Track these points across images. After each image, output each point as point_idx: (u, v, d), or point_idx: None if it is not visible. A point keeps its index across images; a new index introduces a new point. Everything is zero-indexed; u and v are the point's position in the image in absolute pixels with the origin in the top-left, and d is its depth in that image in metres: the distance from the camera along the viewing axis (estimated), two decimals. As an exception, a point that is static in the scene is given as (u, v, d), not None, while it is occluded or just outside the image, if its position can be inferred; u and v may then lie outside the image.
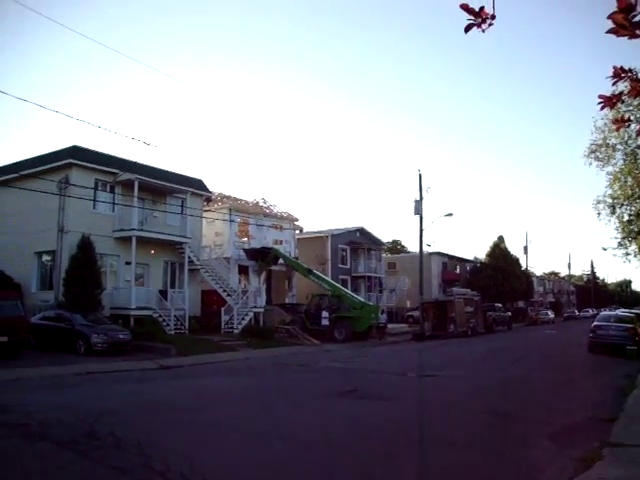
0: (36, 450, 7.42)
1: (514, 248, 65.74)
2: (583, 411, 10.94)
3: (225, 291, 31.05)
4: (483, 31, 3.13)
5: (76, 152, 26.20)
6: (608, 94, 4.03)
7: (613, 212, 23.62)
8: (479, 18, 3.10)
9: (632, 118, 18.87)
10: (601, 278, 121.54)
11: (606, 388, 14.05)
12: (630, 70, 3.43)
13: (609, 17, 2.82)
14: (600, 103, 4.09)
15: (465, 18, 3.13)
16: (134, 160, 28.05)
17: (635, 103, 18.41)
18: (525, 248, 66.63)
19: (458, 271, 65.61)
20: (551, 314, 67.71)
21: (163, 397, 12.64)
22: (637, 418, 9.79)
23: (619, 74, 3.74)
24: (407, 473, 6.86)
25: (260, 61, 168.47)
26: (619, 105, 4.19)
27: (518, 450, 8.01)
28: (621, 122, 4.82)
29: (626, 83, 4.00)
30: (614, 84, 3.84)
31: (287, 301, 39.43)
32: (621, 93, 4.00)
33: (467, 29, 3.16)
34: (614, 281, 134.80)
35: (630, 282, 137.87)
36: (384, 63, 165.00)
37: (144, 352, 21.52)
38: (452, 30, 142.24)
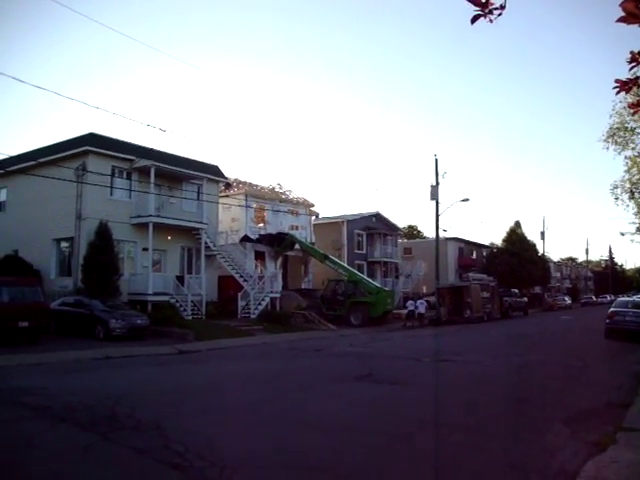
0: (58, 432, 7.61)
1: (531, 233, 65.55)
2: (598, 396, 10.91)
3: (242, 276, 31.23)
4: (491, 21, 3.13)
5: (93, 139, 26.39)
6: (624, 79, 4.02)
7: (632, 197, 23.32)
8: (486, 9, 3.12)
9: None
10: (619, 264, 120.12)
11: (622, 373, 13.97)
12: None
13: (620, 5, 2.83)
14: (616, 87, 4.08)
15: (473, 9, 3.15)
16: (150, 147, 28.20)
17: None
18: (542, 233, 66.05)
19: (474, 256, 65.26)
20: (568, 300, 67.11)
21: (181, 381, 12.84)
22: (653, 403, 9.77)
23: (636, 59, 3.73)
24: (424, 456, 6.93)
25: (279, 49, 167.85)
26: (635, 89, 4.16)
27: (532, 434, 8.02)
28: (638, 106, 4.77)
29: None
30: (631, 69, 3.82)
31: (303, 286, 39.59)
32: (637, 77, 3.99)
33: (473, 20, 3.17)
34: (633, 267, 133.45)
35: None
36: (402, 52, 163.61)
37: (162, 337, 21.81)
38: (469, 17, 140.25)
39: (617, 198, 23.62)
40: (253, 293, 30.22)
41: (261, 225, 37.10)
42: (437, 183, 38.55)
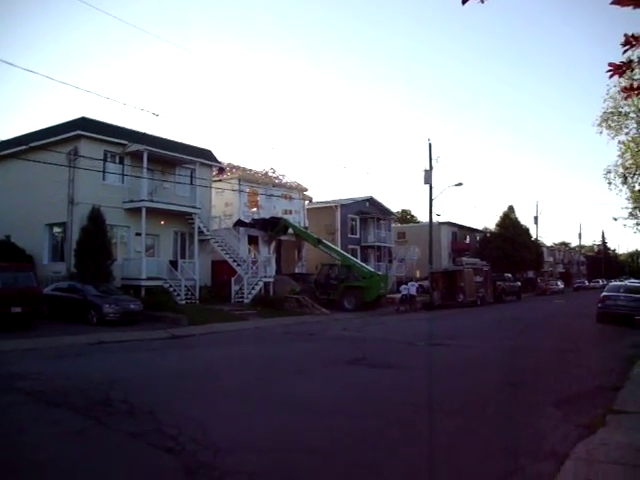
0: (52, 416, 7.63)
1: (524, 218, 65.51)
2: (590, 379, 11.03)
3: (235, 261, 31.21)
4: (482, 1, 3.11)
5: (84, 123, 26.17)
6: (618, 62, 4.02)
7: (625, 181, 23.36)
8: None
9: None
10: (612, 249, 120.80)
11: (613, 357, 14.11)
12: (640, 37, 3.42)
13: None
14: (609, 71, 4.08)
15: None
16: (143, 131, 28.01)
17: None
18: (535, 218, 66.28)
19: (468, 241, 65.41)
20: (561, 284, 67.51)
21: (175, 366, 12.88)
22: (643, 386, 9.87)
23: (630, 42, 3.71)
24: (419, 439, 6.99)
25: (270, 32, 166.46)
26: (629, 73, 4.15)
27: (524, 418, 8.11)
28: (630, 90, 4.76)
29: (638, 51, 3.97)
30: (625, 52, 3.81)
31: (296, 271, 39.59)
32: (631, 61, 3.98)
33: (464, 1, 3.15)
34: (625, 252, 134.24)
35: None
36: (396, 35, 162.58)
37: (155, 322, 21.79)
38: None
39: (610, 183, 23.67)
40: (247, 278, 30.20)
41: (254, 210, 37.01)
42: (431, 167, 38.54)
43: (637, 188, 23.77)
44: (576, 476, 5.46)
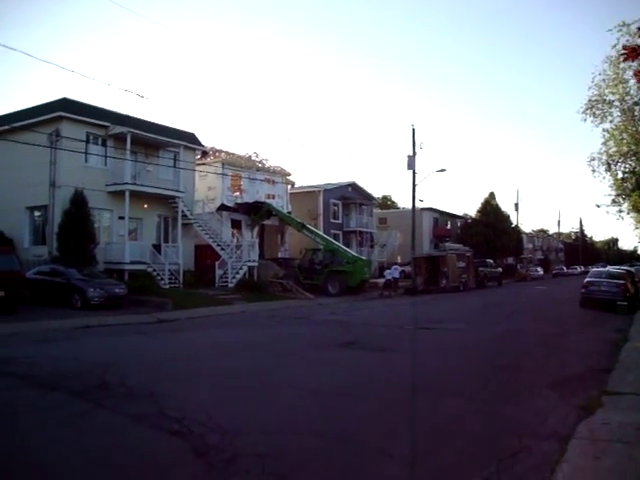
0: (51, 399, 7.53)
1: (505, 205, 66.07)
2: (580, 362, 11.20)
3: (219, 245, 31.06)
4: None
5: (66, 104, 25.66)
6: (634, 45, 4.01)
7: (608, 169, 23.55)
8: None
9: None
10: (589, 236, 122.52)
11: (599, 341, 14.37)
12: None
13: None
14: (623, 54, 4.07)
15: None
16: (126, 113, 27.59)
17: None
18: (516, 205, 66.74)
19: (449, 227, 65.77)
20: (540, 271, 68.34)
21: (166, 349, 12.81)
22: (632, 369, 10.05)
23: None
24: (423, 420, 7.03)
25: (253, 13, 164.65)
26: None
27: (522, 399, 8.22)
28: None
29: None
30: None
31: (280, 255, 39.53)
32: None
33: None
34: (602, 239, 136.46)
35: (617, 240, 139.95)
36: (378, 18, 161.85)
37: (140, 306, 21.62)
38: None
39: (594, 170, 23.78)
40: (231, 262, 30.09)
41: (237, 194, 36.80)
42: (414, 153, 38.56)
43: (620, 176, 23.99)
44: (584, 454, 5.54)
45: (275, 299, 27.50)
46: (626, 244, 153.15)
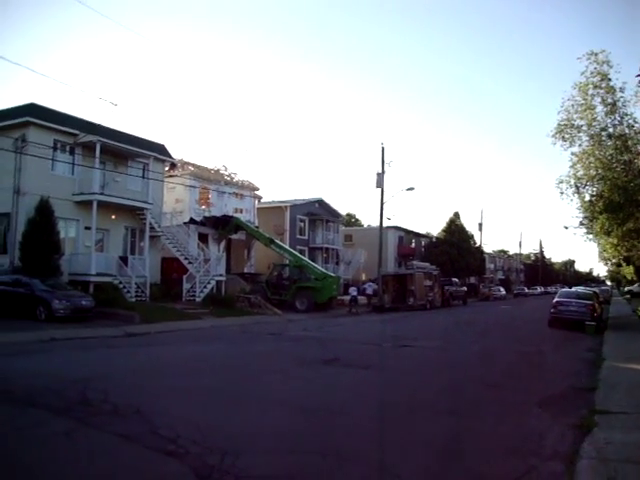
0: (31, 417, 7.08)
1: (469, 225, 66.80)
2: (562, 381, 11.31)
3: (187, 259, 30.49)
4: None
5: (34, 110, 24.87)
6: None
7: (576, 192, 24.08)
8: None
9: None
10: (548, 257, 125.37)
11: (576, 360, 14.55)
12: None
13: None
14: (639, 76, 4.04)
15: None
16: (96, 122, 26.98)
17: None
18: (480, 225, 67.81)
19: (414, 245, 66.23)
20: (503, 290, 69.39)
21: (143, 364, 12.32)
22: (616, 387, 10.16)
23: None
24: (425, 438, 6.89)
25: (225, 25, 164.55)
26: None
27: (515, 418, 8.20)
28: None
29: None
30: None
31: (246, 270, 39.08)
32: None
33: None
34: (559, 261, 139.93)
35: (574, 262, 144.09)
36: (348, 34, 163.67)
37: (106, 319, 20.98)
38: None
39: (562, 193, 24.33)
40: (199, 276, 29.57)
41: (204, 207, 36.37)
42: (383, 171, 38.81)
43: (587, 198, 24.55)
44: (598, 475, 5.46)
45: (244, 314, 27.07)
46: (582, 266, 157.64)
